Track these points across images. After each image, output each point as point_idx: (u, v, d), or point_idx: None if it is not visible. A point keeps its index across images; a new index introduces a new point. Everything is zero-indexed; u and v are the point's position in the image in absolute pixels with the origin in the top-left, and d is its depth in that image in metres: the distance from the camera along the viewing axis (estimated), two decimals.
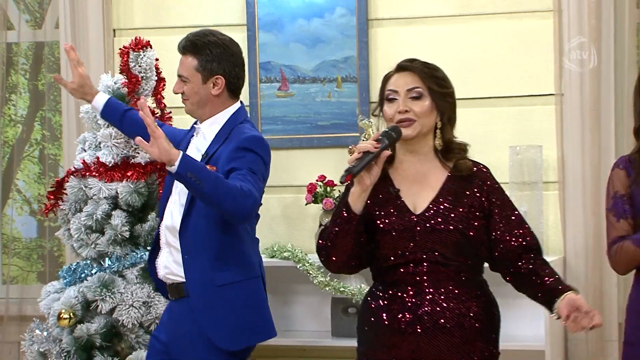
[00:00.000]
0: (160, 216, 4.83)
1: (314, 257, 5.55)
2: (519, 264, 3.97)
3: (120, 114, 5.08)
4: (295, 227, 5.96)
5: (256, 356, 5.44)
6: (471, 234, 3.96)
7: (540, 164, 5.77)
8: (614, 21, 5.58)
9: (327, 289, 5.57)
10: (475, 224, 3.96)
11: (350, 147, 4.16)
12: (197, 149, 4.74)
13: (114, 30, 6.11)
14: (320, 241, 3.96)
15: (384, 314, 4.00)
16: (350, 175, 3.78)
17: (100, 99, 4.99)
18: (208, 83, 4.69)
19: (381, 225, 3.96)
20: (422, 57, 5.67)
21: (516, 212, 4.05)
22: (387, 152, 3.89)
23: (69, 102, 6.05)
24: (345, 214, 3.88)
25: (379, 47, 5.89)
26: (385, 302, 4.00)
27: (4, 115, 6.34)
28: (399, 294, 3.97)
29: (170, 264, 4.66)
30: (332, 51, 5.93)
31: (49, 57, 6.32)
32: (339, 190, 5.68)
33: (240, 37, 5.79)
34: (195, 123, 4.90)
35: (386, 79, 4.06)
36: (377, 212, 3.97)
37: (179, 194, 4.69)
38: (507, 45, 5.82)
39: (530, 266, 3.95)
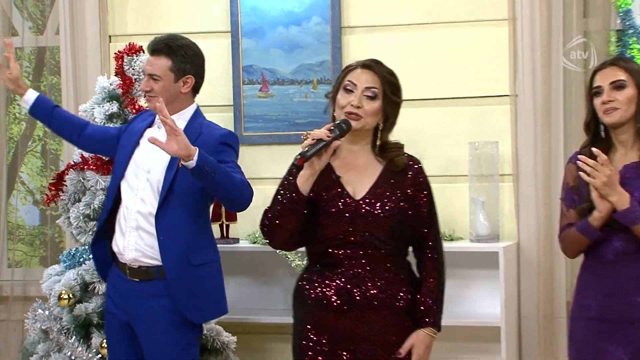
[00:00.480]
0: (109, 203, 4.78)
1: None
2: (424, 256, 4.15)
3: (50, 110, 4.98)
4: None
5: (239, 332, 5.58)
6: (403, 220, 4.04)
7: (496, 159, 5.78)
8: (563, 29, 5.60)
9: (299, 270, 5.54)
10: (407, 212, 4.04)
11: (304, 133, 4.19)
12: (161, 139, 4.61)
13: (110, 36, 6.13)
14: (265, 220, 4.01)
15: (320, 295, 4.05)
16: (302, 159, 3.89)
17: (31, 95, 4.89)
18: (179, 82, 4.72)
19: (323, 209, 4.01)
20: (390, 61, 5.70)
21: (434, 212, 4.19)
22: (338, 142, 3.95)
23: (69, 101, 6.10)
24: (294, 195, 3.94)
25: (351, 52, 5.88)
26: (322, 283, 4.07)
27: (9, 113, 6.37)
28: (336, 274, 4.03)
29: (142, 248, 4.64)
30: (309, 56, 5.95)
31: (50, 60, 6.34)
32: None
33: (224, 43, 6.02)
34: (145, 114, 4.99)
35: (348, 70, 4.12)
36: (320, 196, 4.00)
37: (149, 181, 4.67)
38: (467, 51, 5.85)
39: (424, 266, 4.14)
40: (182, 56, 4.71)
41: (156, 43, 4.71)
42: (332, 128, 3.95)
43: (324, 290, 4.06)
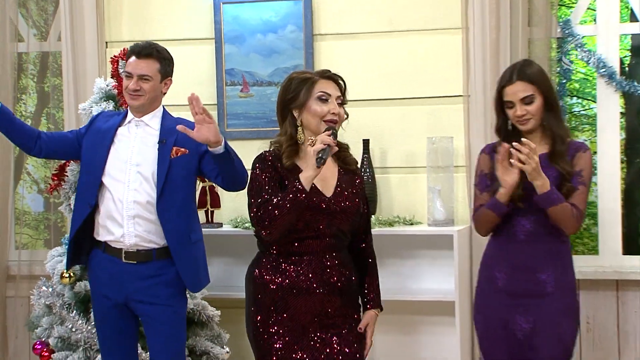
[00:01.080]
0: (93, 199, 4.68)
1: None
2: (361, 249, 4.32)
3: (10, 119, 4.77)
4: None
5: (222, 306, 5.64)
6: (360, 215, 4.21)
7: (451, 152, 5.78)
8: (510, 37, 5.62)
9: None
10: (361, 208, 4.21)
11: (310, 139, 4.23)
12: (141, 139, 4.72)
13: (106, 42, 6.13)
14: (265, 216, 4.02)
15: (286, 279, 4.11)
16: (323, 163, 3.97)
17: None
18: (162, 83, 4.75)
19: (308, 205, 4.09)
20: (356, 65, 5.97)
21: (367, 209, 4.37)
22: (337, 148, 4.12)
23: (70, 101, 6.09)
24: (299, 196, 3.96)
25: (322, 57, 5.93)
26: (287, 268, 4.13)
27: (17, 112, 6.33)
28: (303, 261, 4.11)
29: (142, 233, 4.62)
30: (284, 60, 5.96)
31: (53, 64, 6.33)
32: None
33: (209, 49, 6.06)
34: (103, 115, 4.95)
35: (314, 82, 4.14)
36: (321, 202, 4.10)
37: (140, 174, 4.65)
38: (425, 56, 5.87)
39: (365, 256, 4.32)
40: (167, 60, 4.76)
41: (145, 48, 4.71)
42: (330, 134, 4.04)
43: (289, 275, 4.12)
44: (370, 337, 4.21)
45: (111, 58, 5.51)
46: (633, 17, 5.90)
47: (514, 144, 4.17)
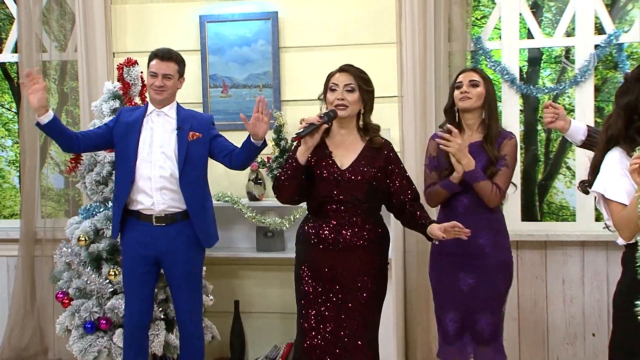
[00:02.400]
0: (132, 175, 4.77)
1: (245, 200, 5.79)
2: (407, 207, 4.18)
3: (60, 127, 4.82)
4: (232, 182, 5.97)
5: (208, 264, 5.57)
6: (377, 186, 4.15)
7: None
8: (434, 50, 5.70)
9: (253, 221, 5.72)
10: (380, 179, 4.15)
11: (301, 119, 4.24)
12: (162, 127, 4.84)
13: (113, 53, 6.15)
14: (275, 182, 4.21)
15: (313, 236, 4.16)
16: (298, 137, 4.09)
17: (50, 114, 4.71)
18: (178, 81, 4.91)
19: (318, 175, 4.13)
20: (313, 72, 5.89)
21: (406, 175, 4.27)
22: (325, 126, 4.10)
23: (84, 100, 6.11)
24: (294, 164, 4.10)
25: (286, 65, 5.98)
26: (315, 228, 4.16)
27: None
28: (325, 222, 4.14)
29: (167, 201, 4.78)
30: (256, 68, 5.98)
31: (71, 70, 6.31)
32: (262, 157, 5.73)
33: (196, 58, 6.06)
34: (126, 110, 5.02)
35: (330, 76, 4.28)
36: (316, 166, 4.14)
37: (164, 154, 4.78)
38: (368, 64, 5.38)
39: (413, 209, 4.16)
40: (182, 62, 4.92)
41: (167, 52, 4.85)
42: (322, 115, 4.10)
43: (316, 233, 4.16)
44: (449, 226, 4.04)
45: (117, 65, 5.58)
46: (530, 35, 5.99)
47: (438, 132, 4.27)
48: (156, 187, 4.78)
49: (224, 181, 5.94)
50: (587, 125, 4.37)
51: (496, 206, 4.39)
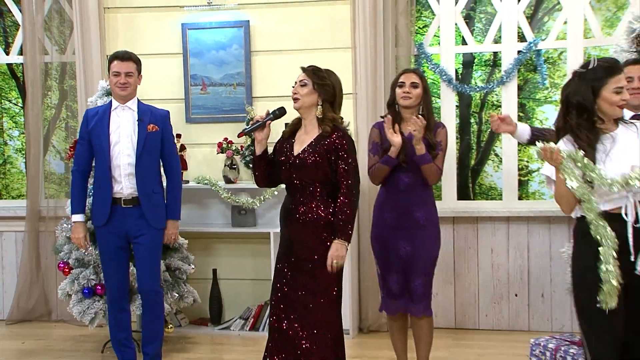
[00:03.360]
0: (109, 162, 4.61)
1: (222, 183, 5.79)
2: (338, 199, 3.94)
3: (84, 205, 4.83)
4: (211, 166, 5.98)
5: (189, 237, 5.66)
6: (322, 170, 4.00)
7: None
8: (383, 54, 5.73)
9: (229, 200, 5.70)
10: (323, 164, 3.98)
11: (267, 110, 4.15)
12: (126, 119, 4.65)
13: (107, 55, 5.93)
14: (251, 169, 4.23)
15: (281, 211, 4.15)
16: (242, 134, 4.14)
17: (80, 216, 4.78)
18: (137, 78, 4.72)
19: (278, 160, 4.12)
20: (280, 73, 5.89)
21: (349, 165, 3.99)
22: (270, 122, 4.06)
23: (81, 96, 6.08)
24: (253, 155, 4.16)
25: (257, 67, 5.99)
26: (284, 204, 4.16)
27: (44, 104, 6.32)
28: (288, 200, 4.11)
29: (133, 185, 4.62)
30: (231, 69, 5.99)
31: (69, 70, 6.26)
32: (236, 146, 5.80)
33: (179, 60, 6.08)
34: (90, 112, 4.78)
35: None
36: (279, 153, 4.12)
37: (121, 142, 4.61)
38: (327, 66, 5.01)
39: (338, 207, 3.94)
40: (139, 62, 4.75)
41: (126, 53, 4.70)
42: (269, 113, 4.08)
43: (284, 208, 4.14)
44: (329, 265, 3.93)
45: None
46: (464, 42, 6.04)
47: (412, 119, 4.20)
48: (125, 174, 4.64)
49: (203, 166, 5.98)
50: (531, 127, 4.35)
51: (435, 183, 4.45)
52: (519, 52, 5.84)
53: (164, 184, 4.87)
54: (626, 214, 3.32)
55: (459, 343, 5.62)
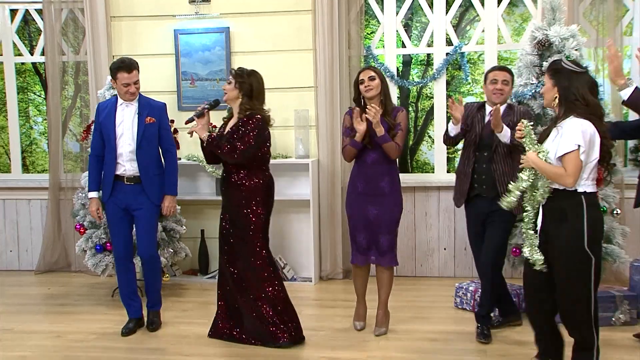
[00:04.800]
0: (115, 150, 4.48)
1: None
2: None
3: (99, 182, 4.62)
4: (199, 146, 5.49)
5: (182, 204, 5.62)
6: (238, 145, 4.10)
7: (307, 118, 5.82)
8: (338, 55, 5.69)
9: (213, 174, 5.65)
10: (234, 142, 4.09)
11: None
12: (129, 113, 4.51)
13: (113, 55, 6.04)
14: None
15: (220, 181, 4.28)
16: (187, 121, 4.25)
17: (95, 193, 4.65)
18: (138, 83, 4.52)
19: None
20: (260, 68, 5.65)
21: (240, 136, 4.10)
22: (207, 111, 4.23)
23: (92, 89, 6.08)
24: (201, 139, 4.20)
25: (236, 65, 5.62)
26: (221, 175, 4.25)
27: (62, 95, 6.29)
28: (222, 172, 4.26)
29: (134, 169, 4.49)
30: (215, 67, 5.97)
31: (83, 68, 6.23)
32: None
33: (171, 60, 6.04)
34: (101, 106, 4.65)
35: None
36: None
37: (124, 133, 4.49)
38: (294, 64, 5.89)
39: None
40: (138, 65, 4.52)
41: (129, 64, 4.44)
42: (206, 104, 4.20)
43: (222, 176, 4.27)
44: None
45: None
46: (403, 45, 6.04)
47: (367, 107, 4.20)
48: (126, 159, 4.51)
49: (192, 146, 5.91)
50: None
51: (397, 158, 4.39)
52: (447, 54, 5.87)
53: (164, 166, 4.74)
54: None
55: (400, 288, 5.59)
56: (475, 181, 4.31)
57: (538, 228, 3.43)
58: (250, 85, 4.22)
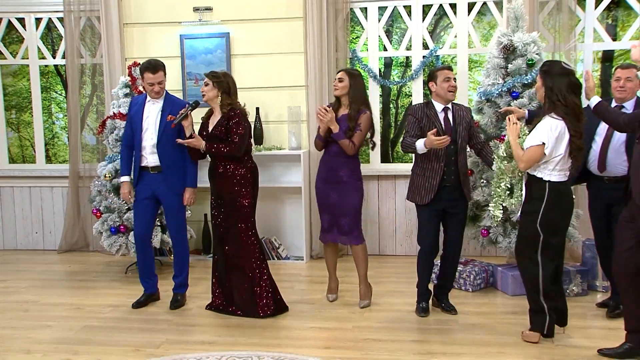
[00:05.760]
0: (140, 143, 4.42)
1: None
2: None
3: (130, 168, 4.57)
4: None
5: None
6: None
7: (299, 114, 5.77)
8: (327, 57, 5.68)
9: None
10: (222, 137, 4.14)
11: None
12: (154, 111, 4.43)
13: (125, 58, 6.05)
14: None
15: (208, 172, 4.28)
16: (173, 124, 4.24)
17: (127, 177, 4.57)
18: (165, 80, 4.46)
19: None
20: (253, 71, 5.73)
21: (233, 132, 4.12)
22: (190, 112, 4.22)
23: (107, 88, 6.04)
24: (186, 138, 4.19)
25: (236, 67, 5.92)
26: (209, 168, 4.26)
27: (80, 94, 6.27)
28: (211, 162, 4.27)
29: (156, 160, 4.39)
30: (216, 68, 5.74)
31: (99, 69, 6.20)
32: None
33: (177, 62, 6.00)
34: (133, 101, 4.61)
35: None
36: (202, 134, 4.21)
37: (149, 128, 4.42)
38: (287, 66, 5.84)
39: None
40: (164, 67, 4.48)
41: (155, 66, 4.38)
42: (188, 106, 4.19)
43: (210, 168, 4.27)
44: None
45: (128, 66, 5.55)
46: (385, 49, 6.01)
47: (317, 108, 4.21)
48: (149, 152, 4.43)
49: None
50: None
51: (352, 154, 4.31)
52: (423, 56, 5.85)
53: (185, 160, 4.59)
54: None
55: (382, 264, 5.67)
56: (445, 174, 4.12)
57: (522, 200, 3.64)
58: (227, 83, 4.25)
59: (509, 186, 3.65)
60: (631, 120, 3.45)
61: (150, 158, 4.46)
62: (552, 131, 3.43)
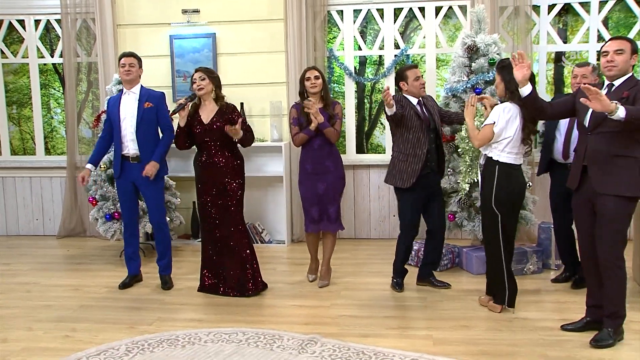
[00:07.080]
0: (120, 132, 4.34)
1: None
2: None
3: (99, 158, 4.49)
4: None
5: (175, 179, 5.56)
6: (224, 132, 4.06)
7: (280, 108, 5.72)
8: (307, 55, 5.58)
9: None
10: (223, 128, 4.05)
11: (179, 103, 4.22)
12: (131, 100, 4.37)
13: (119, 57, 5.88)
14: (174, 138, 4.27)
15: (198, 162, 4.18)
16: (172, 113, 4.13)
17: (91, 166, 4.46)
18: (139, 69, 4.42)
19: (194, 129, 4.15)
20: (239, 68, 5.68)
21: (243, 121, 4.09)
22: (190, 104, 4.14)
23: (102, 85, 5.98)
24: (179, 128, 4.17)
25: (221, 65, 5.85)
26: (199, 157, 4.18)
27: (77, 90, 6.19)
28: (202, 154, 4.16)
29: (135, 149, 4.34)
30: (203, 66, 5.52)
31: (94, 67, 6.11)
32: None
33: (167, 60, 5.92)
34: (117, 95, 4.49)
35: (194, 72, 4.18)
36: (193, 126, 4.12)
37: (127, 117, 4.34)
38: (269, 63, 5.78)
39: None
40: (139, 58, 4.45)
41: (129, 52, 4.43)
42: (186, 98, 4.10)
43: (200, 159, 4.17)
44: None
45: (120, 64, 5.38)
46: (359, 48, 5.96)
47: (304, 101, 4.19)
48: (129, 140, 4.36)
49: None
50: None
51: (336, 140, 4.33)
52: (395, 55, 5.83)
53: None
54: None
55: (357, 248, 5.66)
56: (428, 160, 4.11)
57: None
58: (217, 78, 4.24)
59: (469, 162, 4.04)
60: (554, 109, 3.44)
61: (130, 145, 4.36)
62: (504, 113, 3.52)
